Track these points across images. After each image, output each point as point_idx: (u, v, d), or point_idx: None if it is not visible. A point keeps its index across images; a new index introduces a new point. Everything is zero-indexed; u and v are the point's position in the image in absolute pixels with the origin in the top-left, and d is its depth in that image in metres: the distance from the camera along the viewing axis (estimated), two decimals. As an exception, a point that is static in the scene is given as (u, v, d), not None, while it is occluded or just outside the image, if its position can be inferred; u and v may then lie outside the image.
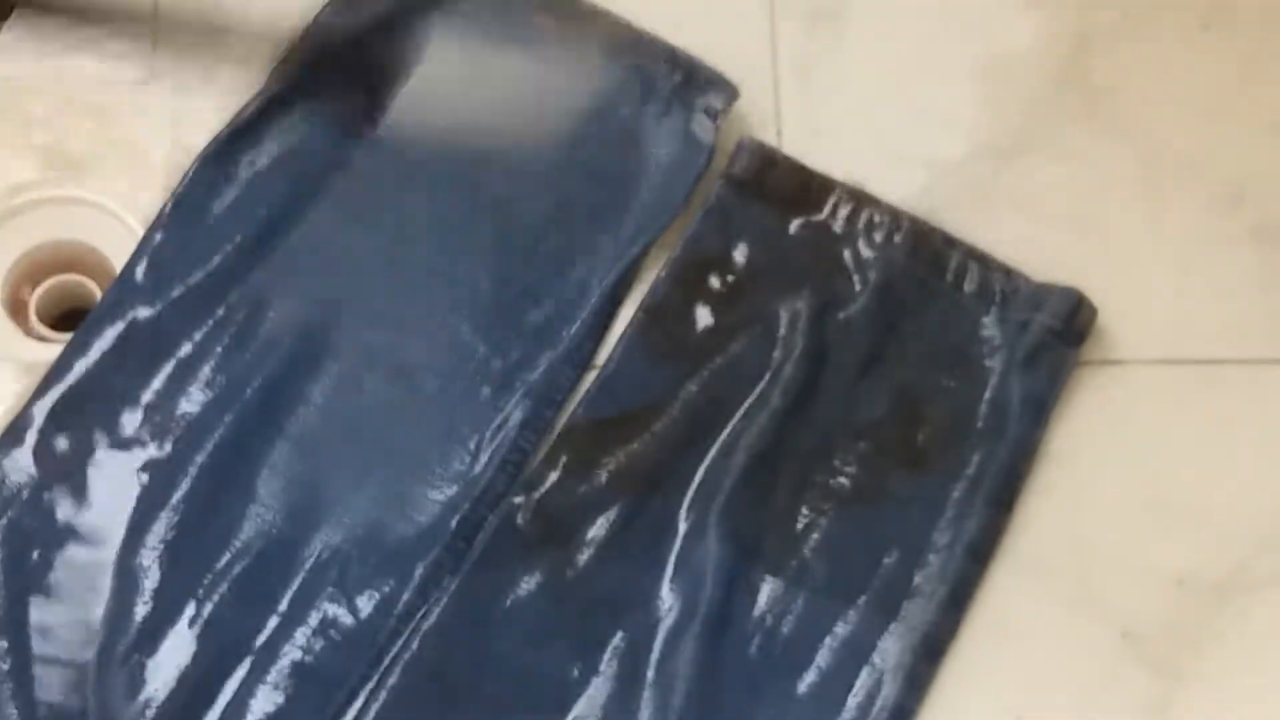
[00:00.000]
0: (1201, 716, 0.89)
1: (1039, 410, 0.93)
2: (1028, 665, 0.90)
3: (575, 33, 0.98)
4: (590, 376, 0.92)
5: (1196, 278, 0.98)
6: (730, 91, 0.97)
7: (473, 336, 0.92)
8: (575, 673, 0.86)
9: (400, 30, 0.98)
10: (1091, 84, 1.02)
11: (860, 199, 0.96)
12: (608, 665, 0.87)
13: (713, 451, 0.91)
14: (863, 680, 0.87)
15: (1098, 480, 0.93)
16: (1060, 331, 0.93)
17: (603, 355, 0.93)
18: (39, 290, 0.95)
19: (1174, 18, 1.03)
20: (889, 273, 0.94)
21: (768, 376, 0.92)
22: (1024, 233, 0.98)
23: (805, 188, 0.96)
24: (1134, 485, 0.93)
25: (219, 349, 0.90)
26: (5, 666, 0.83)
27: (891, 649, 0.88)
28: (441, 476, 0.90)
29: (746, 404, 0.91)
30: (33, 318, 0.94)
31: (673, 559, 0.89)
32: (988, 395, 0.93)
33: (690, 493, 0.90)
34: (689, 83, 0.97)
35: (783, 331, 0.93)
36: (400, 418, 0.90)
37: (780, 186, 0.96)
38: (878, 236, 0.95)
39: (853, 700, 0.87)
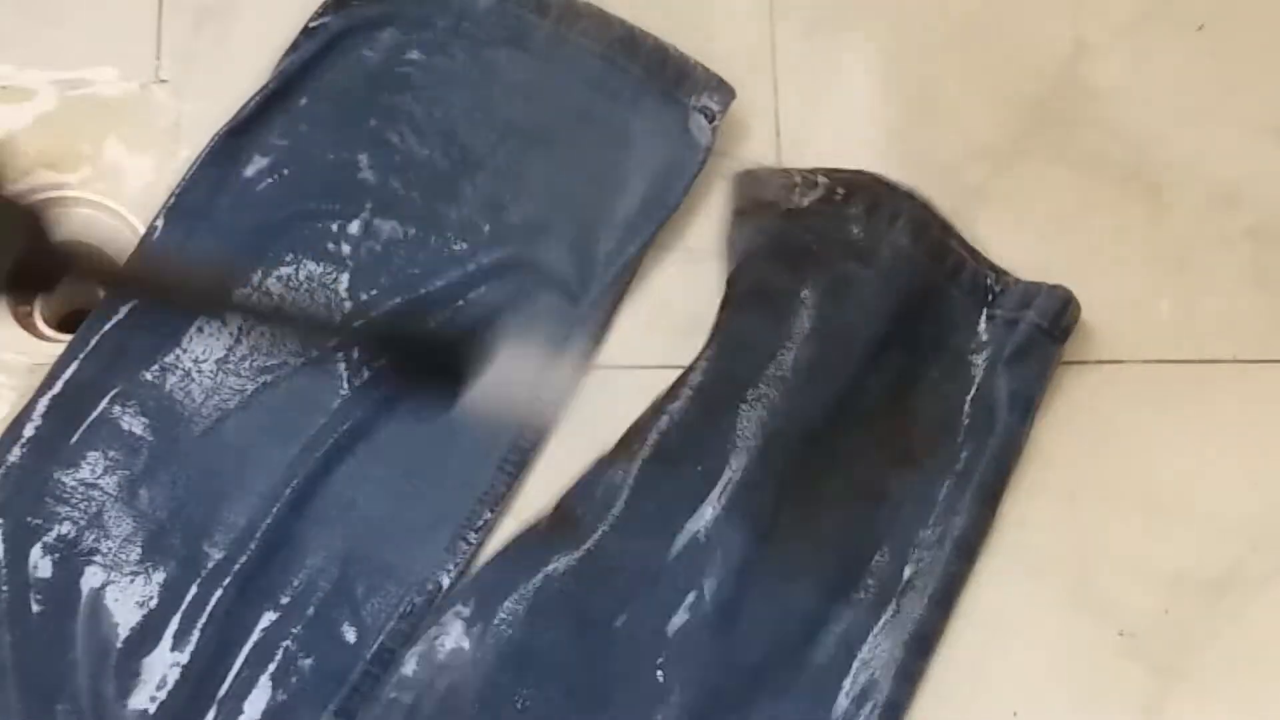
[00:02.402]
0: (1196, 713, 0.89)
1: (1027, 407, 0.93)
2: (1024, 662, 0.90)
3: (571, 32, 0.98)
4: (589, 375, 0.93)
5: (1192, 278, 0.98)
6: (727, 92, 0.97)
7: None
8: (581, 663, 0.87)
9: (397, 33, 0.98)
10: (1088, 85, 1.02)
11: (864, 183, 0.96)
12: (613, 656, 0.87)
13: (715, 451, 0.91)
14: (855, 674, 0.88)
15: (1094, 479, 0.94)
16: (1048, 329, 0.94)
17: (601, 353, 0.93)
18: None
19: (1170, 20, 1.04)
20: (895, 257, 0.94)
21: (773, 365, 0.92)
22: (1021, 233, 0.98)
23: (793, 186, 0.96)
24: (1130, 484, 0.94)
25: (218, 345, 0.91)
26: (10, 661, 0.84)
27: (883, 644, 0.88)
28: (441, 474, 0.90)
29: (750, 399, 0.91)
30: (38, 318, 0.95)
31: (676, 553, 0.89)
32: (973, 393, 0.94)
33: (692, 491, 0.90)
34: (686, 83, 0.97)
35: (789, 316, 0.93)
36: (399, 415, 0.91)
37: (777, 190, 0.95)
38: (882, 220, 0.95)
39: (845, 694, 0.88)
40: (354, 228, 0.94)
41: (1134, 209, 1.00)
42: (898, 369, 0.94)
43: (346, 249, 0.93)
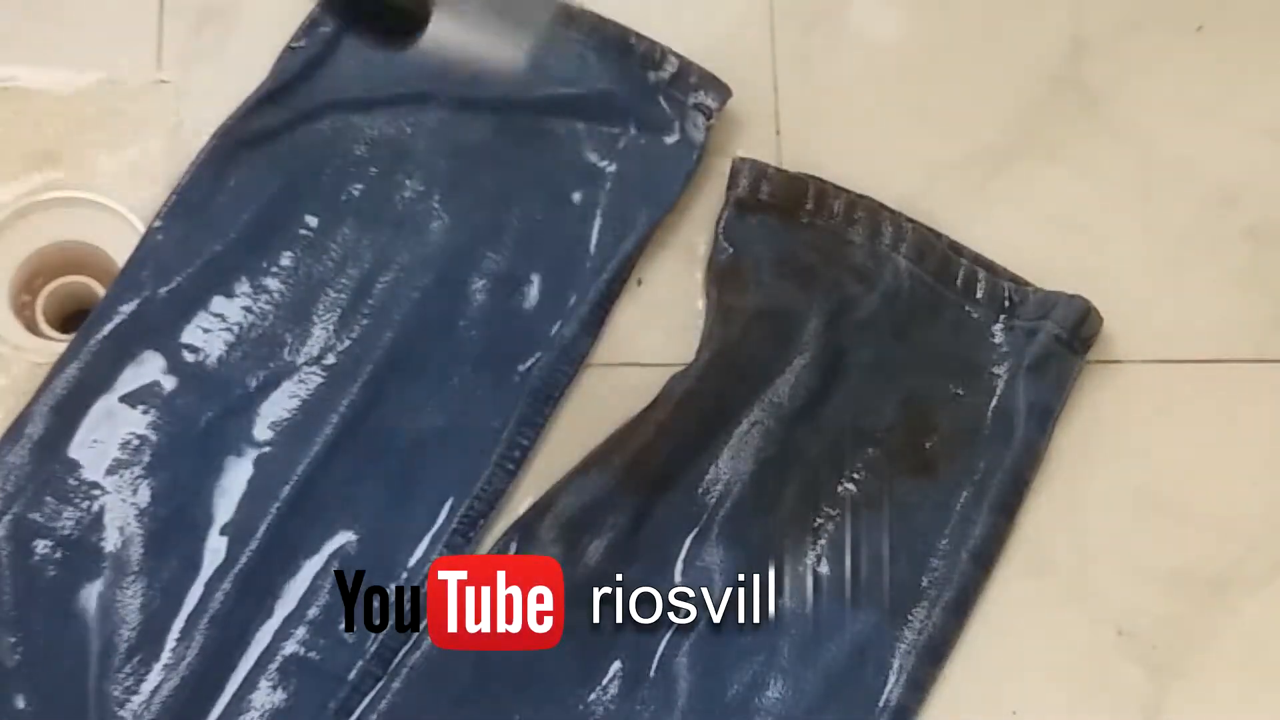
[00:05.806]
0: (1195, 713, 0.90)
1: (1045, 418, 0.93)
2: (1024, 661, 0.90)
3: (567, 32, 0.98)
4: (587, 373, 0.93)
5: (1191, 278, 0.99)
6: (723, 91, 0.97)
7: (469, 333, 0.93)
8: (581, 673, 0.87)
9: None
10: (1088, 86, 1.02)
11: (866, 207, 0.96)
12: (614, 665, 0.87)
13: (723, 453, 0.91)
14: (867, 682, 0.88)
15: (1094, 479, 0.94)
16: (1067, 340, 0.94)
17: (598, 351, 0.94)
18: (45, 291, 0.95)
19: (1169, 20, 1.04)
20: (897, 280, 0.95)
21: (778, 381, 0.92)
22: (1020, 233, 0.98)
23: (804, 197, 0.96)
24: (1129, 484, 0.94)
25: (217, 343, 0.91)
26: (15, 661, 0.84)
27: (896, 652, 0.88)
28: (440, 472, 0.90)
29: (756, 408, 0.92)
30: (39, 318, 0.95)
31: (680, 560, 0.89)
32: (995, 403, 0.94)
33: (698, 495, 0.90)
34: (681, 81, 0.97)
35: (793, 337, 0.93)
36: (397, 414, 0.91)
37: (784, 198, 0.96)
38: (884, 243, 0.96)
39: (856, 702, 0.87)
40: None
41: (1133, 209, 1.00)
42: (911, 386, 0.94)
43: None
